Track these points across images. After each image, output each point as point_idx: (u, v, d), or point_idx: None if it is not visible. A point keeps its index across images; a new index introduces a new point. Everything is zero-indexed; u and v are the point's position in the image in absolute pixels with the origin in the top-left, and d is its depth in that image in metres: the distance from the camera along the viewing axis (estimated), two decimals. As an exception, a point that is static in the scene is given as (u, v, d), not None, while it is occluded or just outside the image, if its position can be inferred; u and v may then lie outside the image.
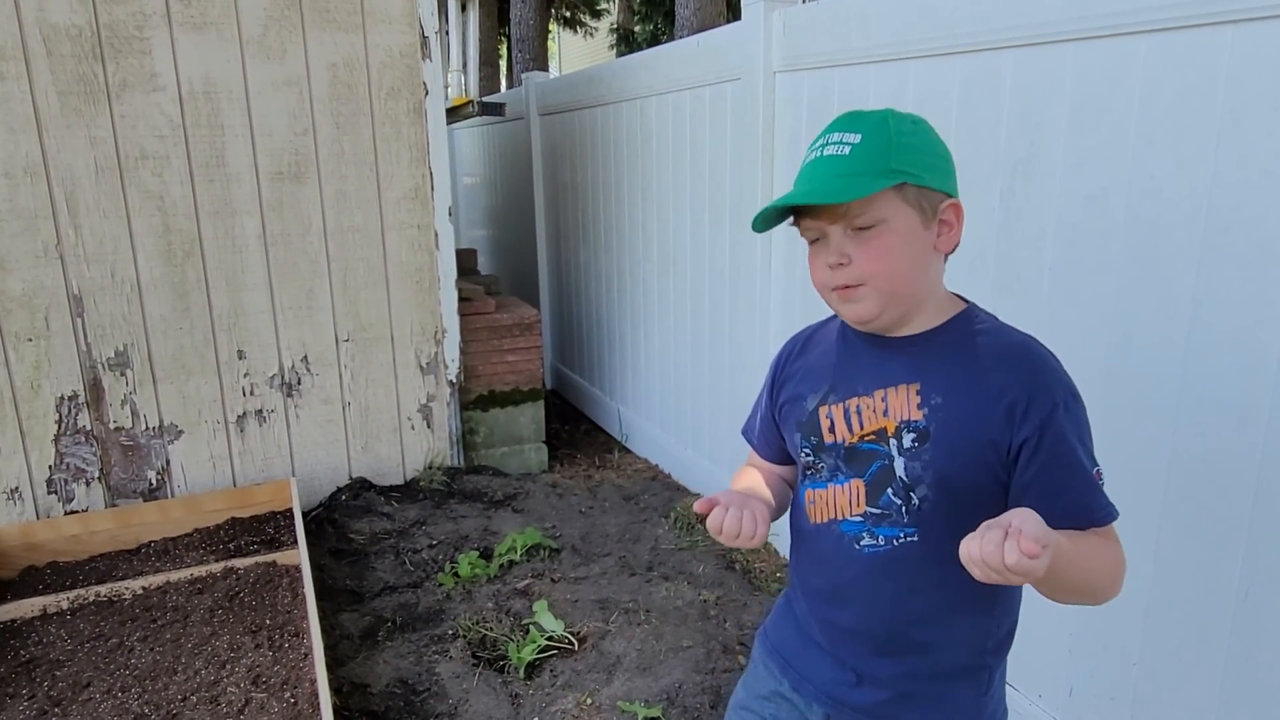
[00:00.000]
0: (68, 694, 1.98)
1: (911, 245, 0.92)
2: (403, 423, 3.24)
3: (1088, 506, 0.90)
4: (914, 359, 0.96)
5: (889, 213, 0.91)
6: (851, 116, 0.95)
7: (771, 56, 2.44)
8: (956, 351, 0.95)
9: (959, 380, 0.93)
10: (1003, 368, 0.92)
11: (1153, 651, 1.55)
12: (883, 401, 0.96)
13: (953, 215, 0.95)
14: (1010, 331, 0.98)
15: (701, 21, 7.78)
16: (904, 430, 0.94)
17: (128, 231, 2.74)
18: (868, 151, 0.91)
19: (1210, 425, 1.41)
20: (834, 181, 0.91)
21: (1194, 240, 1.40)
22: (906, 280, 0.94)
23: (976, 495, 0.92)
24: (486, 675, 2.11)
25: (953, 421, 0.92)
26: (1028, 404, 0.89)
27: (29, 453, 2.75)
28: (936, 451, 0.93)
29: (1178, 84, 1.40)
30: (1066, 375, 0.94)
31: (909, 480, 0.94)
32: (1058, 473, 0.89)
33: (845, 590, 1.02)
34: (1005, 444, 0.90)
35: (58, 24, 2.56)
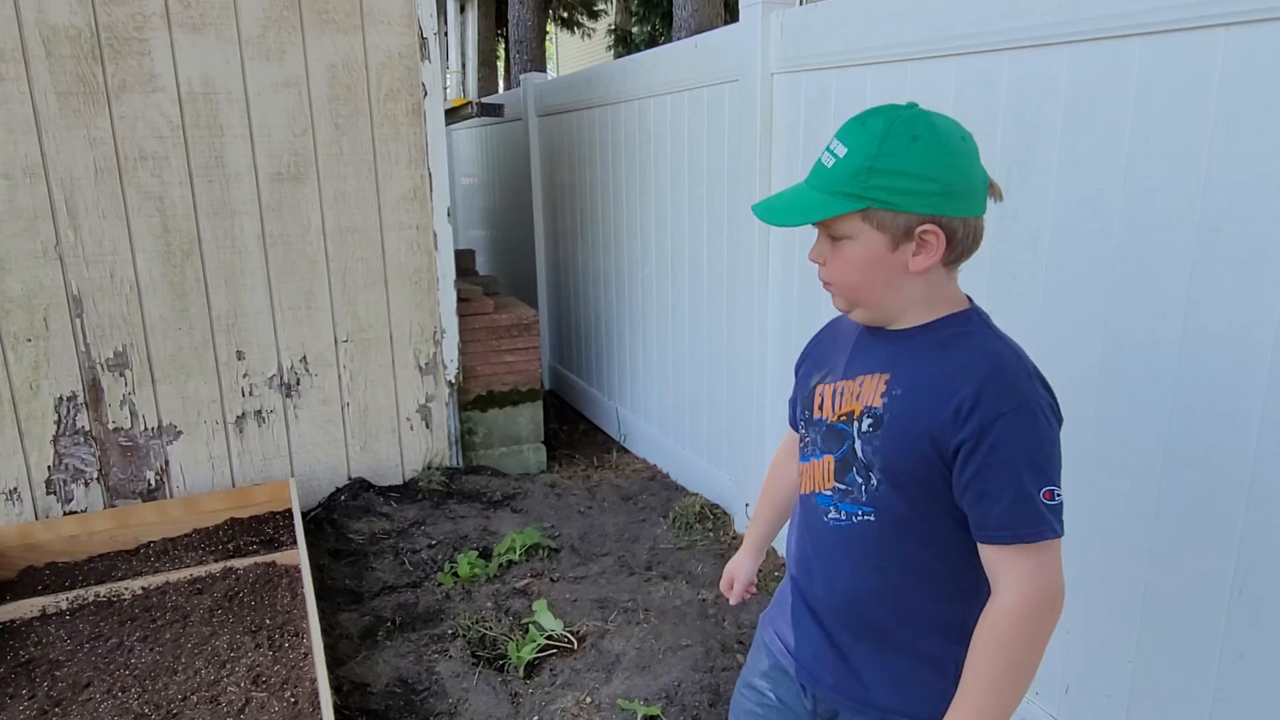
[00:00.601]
0: (68, 694, 1.98)
1: (874, 265, 0.95)
2: (401, 423, 3.25)
3: (1016, 519, 0.91)
4: (894, 352, 1.01)
5: (852, 231, 0.95)
6: (860, 121, 0.96)
7: (769, 58, 2.45)
8: (933, 350, 0.98)
9: (925, 376, 0.96)
10: (965, 371, 0.94)
11: (1148, 649, 1.56)
12: (859, 386, 1.02)
13: (931, 238, 0.94)
14: (993, 339, 0.99)
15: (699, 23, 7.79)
16: (865, 415, 1.00)
17: (127, 232, 2.75)
18: (844, 170, 0.94)
19: (1204, 424, 1.43)
20: (805, 197, 0.97)
21: (1188, 241, 1.41)
22: (867, 294, 0.99)
23: (919, 486, 0.96)
24: (486, 674, 2.11)
25: (904, 413, 0.96)
26: (972, 407, 0.91)
27: (28, 453, 2.75)
28: (886, 439, 0.97)
29: (1172, 86, 1.42)
30: (1034, 391, 0.93)
31: (865, 462, 1.00)
32: (992, 481, 0.91)
33: (814, 560, 1.08)
34: (946, 442, 0.93)
35: (57, 25, 2.57)
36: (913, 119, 0.94)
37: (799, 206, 0.97)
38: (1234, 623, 1.41)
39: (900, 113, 0.94)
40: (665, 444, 3.51)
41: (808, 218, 0.96)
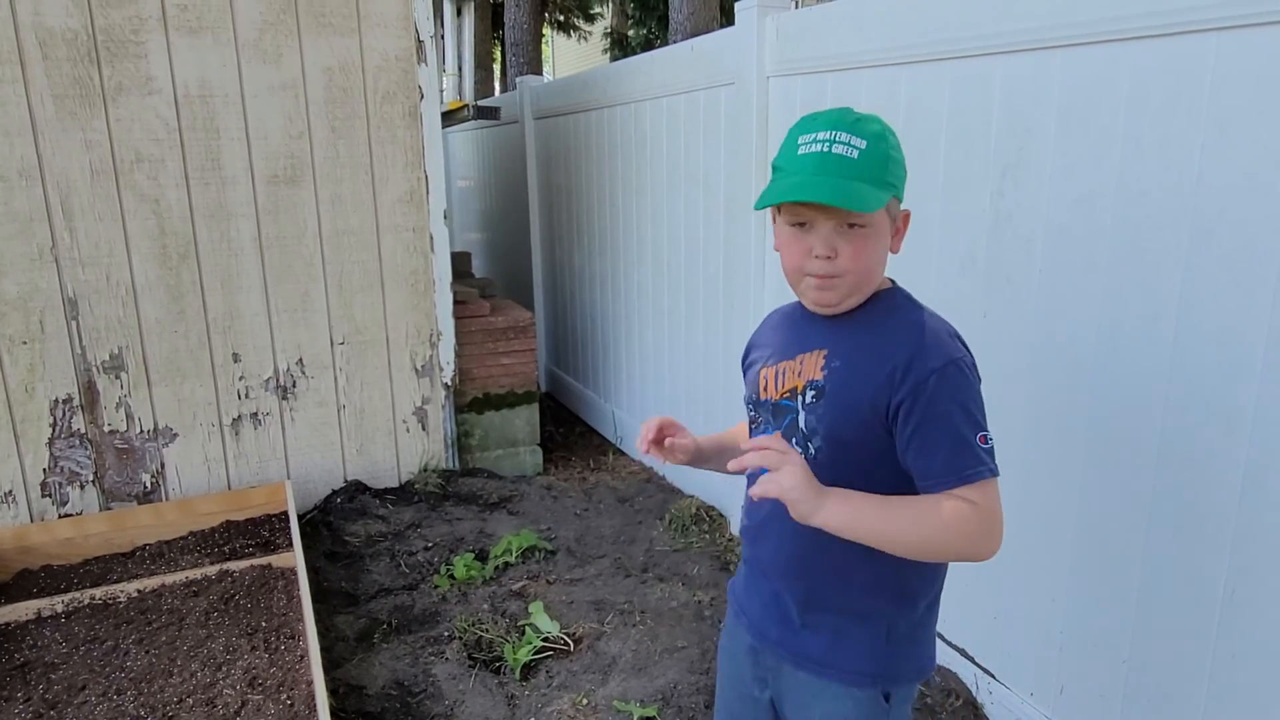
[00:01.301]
0: (63, 697, 1.97)
1: (881, 247, 1.06)
2: (398, 425, 3.25)
3: (959, 464, 0.99)
4: (831, 330, 1.10)
5: (875, 218, 1.02)
6: (850, 118, 1.02)
7: (765, 61, 2.46)
8: (867, 324, 1.08)
9: (860, 348, 1.06)
10: (896, 339, 1.03)
11: (1142, 649, 1.57)
12: (799, 364, 1.11)
13: (903, 222, 1.09)
14: (918, 310, 1.09)
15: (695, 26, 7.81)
16: (808, 388, 1.08)
17: (123, 234, 2.75)
18: (873, 161, 1.00)
19: (1196, 425, 1.43)
20: (848, 185, 0.99)
21: (1180, 243, 1.42)
22: (872, 276, 1.07)
23: (862, 448, 1.04)
24: (482, 676, 2.11)
25: (845, 382, 1.05)
26: (906, 369, 1.00)
27: (23, 456, 2.74)
28: (829, 407, 1.05)
29: (1164, 90, 1.43)
30: (957, 350, 1.03)
31: (807, 431, 1.08)
32: (932, 433, 0.99)
33: (762, 526, 1.16)
34: (884, 404, 1.01)
35: (54, 28, 2.57)
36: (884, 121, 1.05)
37: (858, 195, 0.98)
38: (1227, 623, 1.42)
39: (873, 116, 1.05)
40: (662, 446, 3.50)
41: (875, 204, 1.00)
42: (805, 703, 1.14)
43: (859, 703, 1.11)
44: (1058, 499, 1.71)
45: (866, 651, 1.10)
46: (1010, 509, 1.82)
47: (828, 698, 1.12)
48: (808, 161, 1.01)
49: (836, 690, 1.11)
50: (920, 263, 1.99)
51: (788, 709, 1.18)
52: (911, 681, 1.15)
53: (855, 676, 1.10)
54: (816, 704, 1.13)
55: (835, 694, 1.11)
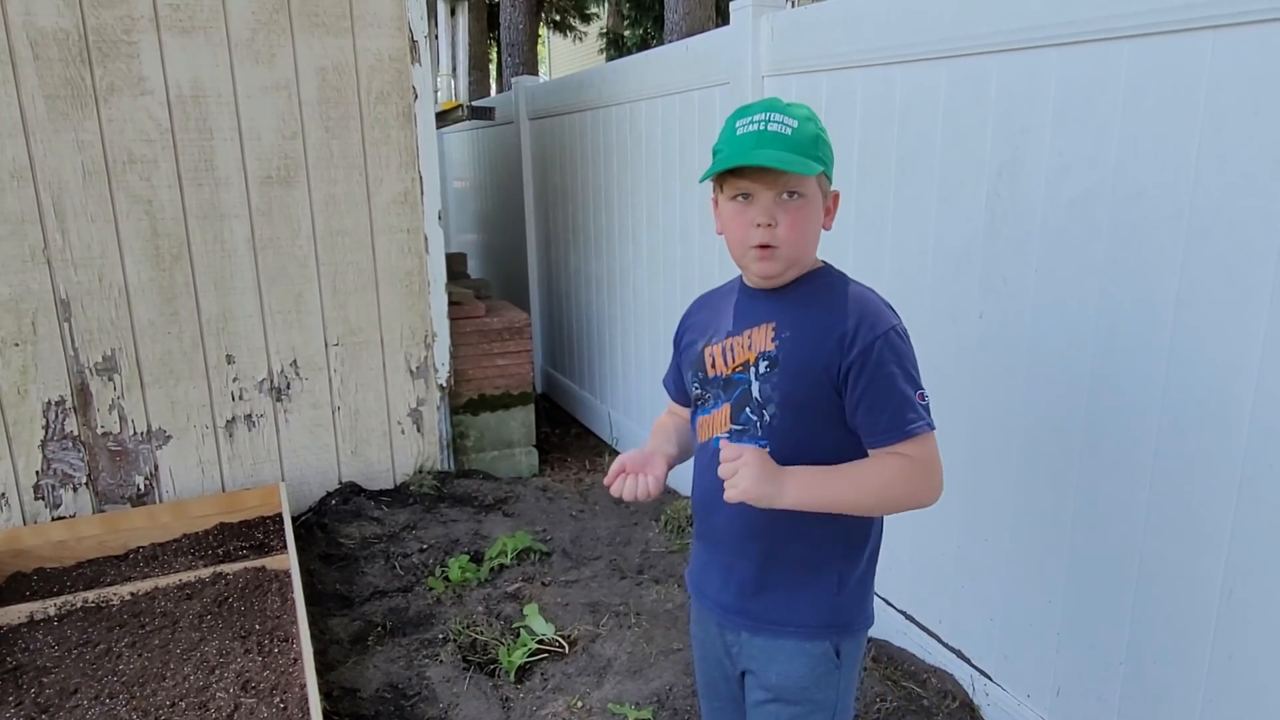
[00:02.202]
0: (55, 701, 1.96)
1: (815, 221, 1.15)
2: (393, 427, 3.23)
3: (903, 419, 1.09)
4: (776, 304, 1.17)
5: (810, 191, 1.12)
6: (780, 104, 1.12)
7: (760, 61, 2.45)
8: (809, 298, 1.17)
9: (806, 319, 1.14)
10: (839, 309, 1.13)
11: (1139, 650, 1.56)
12: (749, 338, 1.17)
13: (833, 202, 1.18)
14: (854, 284, 1.19)
15: (690, 26, 7.80)
16: (760, 359, 1.15)
17: (115, 236, 2.73)
18: (805, 138, 1.10)
19: (1193, 426, 1.43)
20: (787, 154, 1.07)
21: (1177, 243, 1.42)
22: (806, 248, 1.15)
23: (815, 411, 1.13)
24: (477, 679, 2.10)
25: (796, 351, 1.13)
26: (854, 334, 1.10)
27: (15, 458, 2.73)
28: (783, 375, 1.13)
29: (1160, 89, 1.42)
30: (895, 318, 1.14)
31: (762, 400, 1.15)
32: (879, 393, 1.09)
33: (715, 494, 1.16)
34: (836, 367, 1.11)
35: (45, 28, 2.55)
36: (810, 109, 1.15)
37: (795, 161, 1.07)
38: (1224, 624, 1.41)
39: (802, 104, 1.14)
40: (658, 447, 3.50)
41: (812, 170, 1.08)
42: (763, 666, 1.21)
43: (812, 659, 1.18)
44: (1054, 500, 1.70)
45: (822, 601, 1.18)
46: (1007, 510, 1.82)
47: (782, 658, 1.19)
48: (746, 139, 1.10)
49: (790, 648, 1.19)
50: (916, 263, 1.99)
51: (749, 677, 1.24)
52: (860, 631, 1.23)
53: (809, 630, 1.18)
54: (772, 665, 1.20)
55: (789, 652, 1.19)
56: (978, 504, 1.89)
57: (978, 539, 1.91)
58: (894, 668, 2.09)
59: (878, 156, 2.06)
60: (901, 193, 2.01)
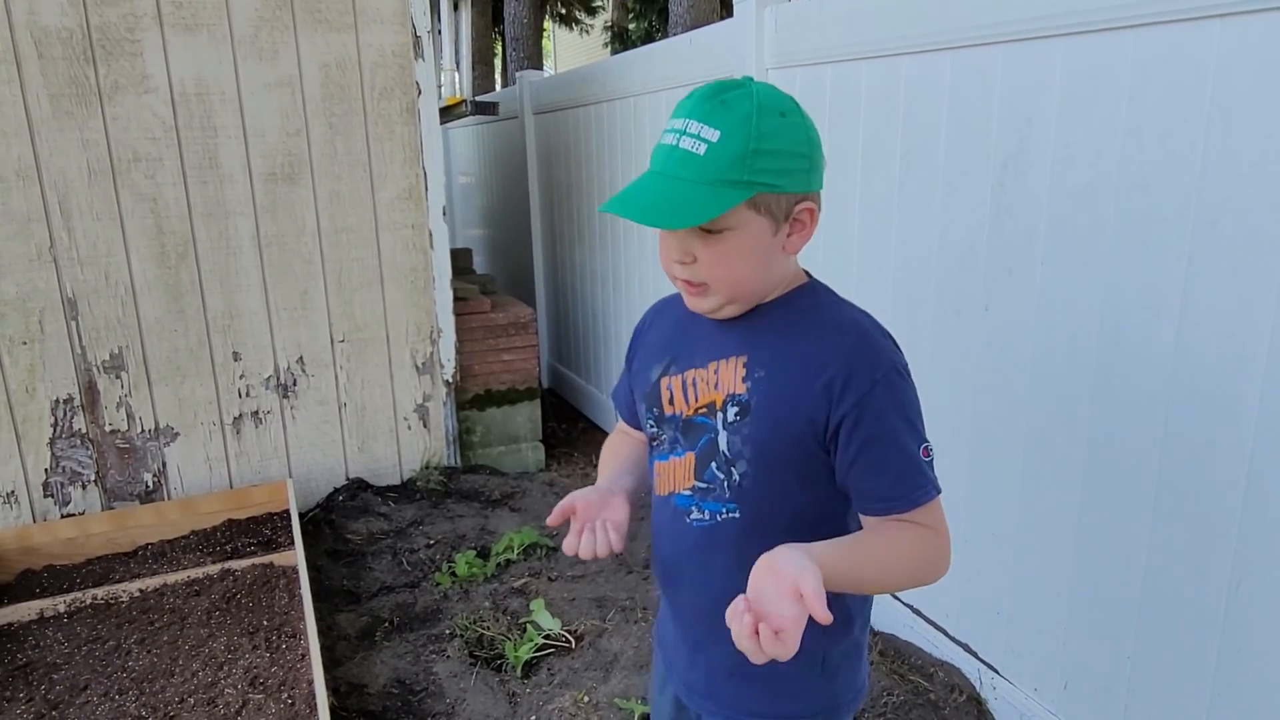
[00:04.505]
0: (65, 697, 1.98)
1: (757, 251, 0.89)
2: (399, 423, 3.24)
3: (909, 484, 0.89)
4: (747, 331, 0.95)
5: (737, 221, 0.87)
6: (717, 99, 0.86)
7: (764, 53, 2.44)
8: (788, 325, 0.93)
9: (785, 354, 0.92)
10: (827, 343, 0.90)
11: (1146, 644, 1.56)
12: (714, 374, 0.95)
13: (807, 216, 0.92)
14: (844, 307, 0.96)
15: (695, 19, 7.77)
16: (729, 403, 0.93)
17: (121, 234, 2.74)
18: (723, 156, 0.84)
19: (1200, 418, 1.42)
20: (680, 191, 0.84)
21: (1183, 234, 1.41)
22: (748, 283, 0.92)
23: (795, 470, 0.92)
24: (484, 674, 2.11)
25: (773, 397, 0.91)
26: (846, 380, 0.87)
27: (24, 456, 2.74)
28: (756, 426, 0.91)
29: (1166, 78, 1.41)
30: (894, 352, 0.92)
31: (730, 455, 0.93)
32: (878, 451, 0.88)
33: (679, 564, 1.03)
34: (822, 421, 0.89)
35: (49, 26, 2.56)
36: (772, 93, 0.89)
37: (687, 204, 0.84)
38: (1232, 617, 1.40)
39: (755, 87, 0.88)
40: (663, 441, 3.50)
41: (702, 215, 0.84)
42: None
43: None
44: (1061, 493, 1.69)
45: (804, 687, 0.99)
46: (1014, 504, 1.81)
47: None
48: (656, 157, 0.90)
49: None
50: (921, 256, 1.98)
51: None
52: (848, 707, 1.05)
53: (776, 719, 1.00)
54: None
55: None
56: (984, 498, 1.89)
57: (984, 533, 1.90)
58: (901, 661, 2.09)
59: (882, 149, 2.05)
60: (906, 185, 1.99)
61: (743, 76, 0.91)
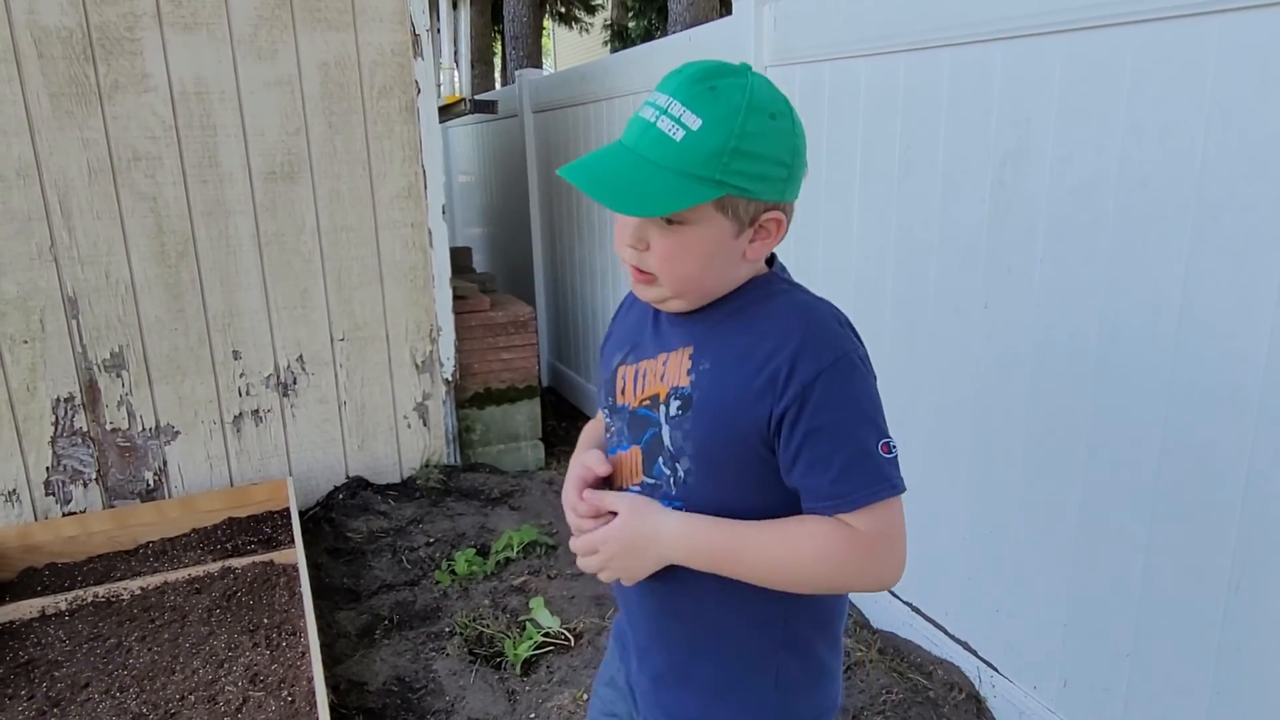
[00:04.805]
0: (66, 694, 1.98)
1: (714, 252, 0.85)
2: (399, 421, 3.24)
3: (852, 480, 0.81)
4: (698, 323, 0.90)
5: (699, 217, 0.82)
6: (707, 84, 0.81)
7: (763, 51, 2.44)
8: (740, 316, 0.88)
9: (733, 346, 0.86)
10: (776, 333, 0.84)
11: (1146, 643, 1.55)
12: (662, 365, 0.91)
13: (773, 226, 0.87)
14: (798, 294, 0.90)
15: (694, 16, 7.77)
16: (672, 397, 0.88)
17: (121, 233, 2.74)
18: (699, 149, 0.79)
19: (1200, 416, 1.42)
20: (646, 176, 0.80)
21: (1184, 230, 1.40)
22: (698, 282, 0.87)
23: (741, 469, 0.86)
24: (483, 672, 2.11)
25: (715, 389, 0.86)
26: (790, 370, 0.81)
27: (26, 454, 2.75)
28: (697, 421, 0.86)
29: (1166, 75, 1.40)
30: (847, 340, 0.85)
31: (674, 450, 0.88)
32: (821, 444, 0.81)
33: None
34: (765, 415, 0.82)
35: (48, 26, 2.56)
36: (768, 90, 0.83)
37: (650, 193, 0.79)
38: (1232, 615, 1.40)
39: (752, 80, 0.82)
40: (664, 440, 3.49)
41: (664, 207, 0.79)
42: None
43: None
44: (1060, 491, 1.69)
45: (751, 703, 0.93)
46: (1013, 502, 1.81)
47: None
48: (631, 128, 0.84)
49: None
50: (920, 254, 1.97)
51: None
52: None
53: None
54: None
55: None
56: (984, 496, 1.89)
57: (984, 531, 1.90)
58: (900, 659, 2.09)
59: (882, 146, 2.05)
60: (905, 183, 1.99)
61: (742, 64, 0.85)
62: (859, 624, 2.27)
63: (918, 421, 2.05)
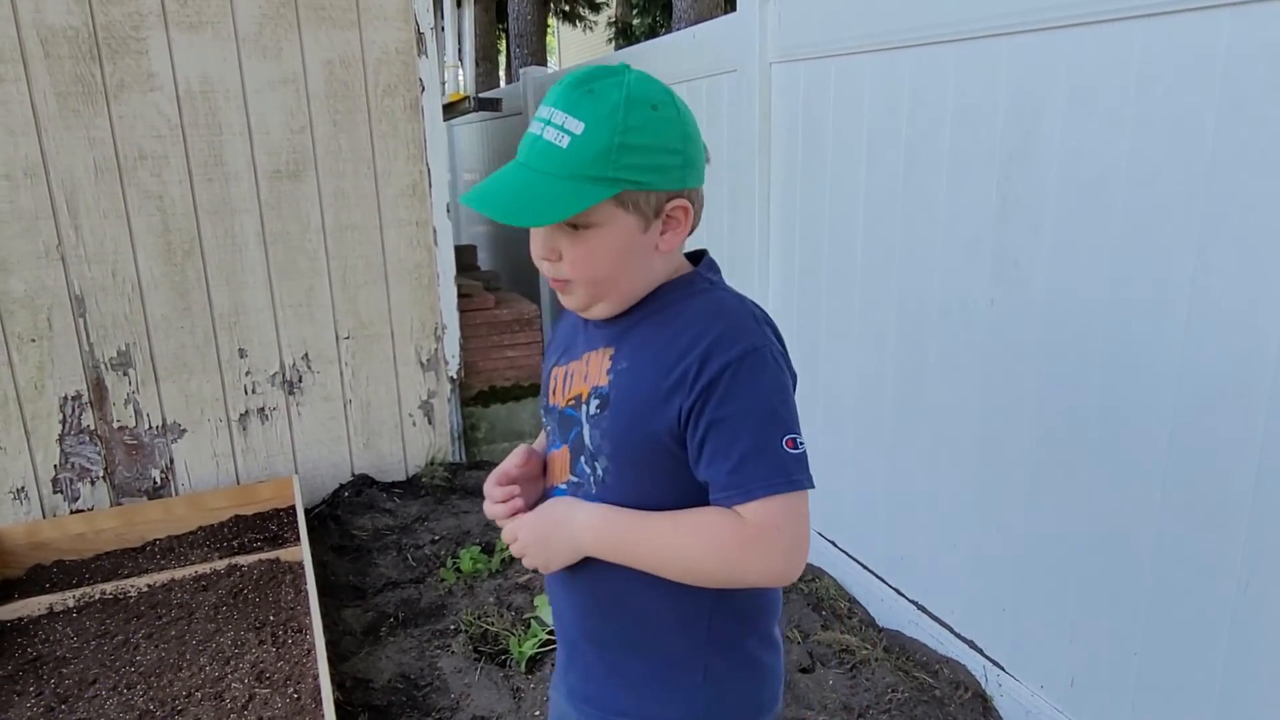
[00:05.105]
0: (74, 691, 1.99)
1: (625, 250, 0.86)
2: (404, 419, 3.25)
3: (748, 475, 0.81)
4: (619, 325, 0.92)
5: (602, 218, 0.83)
6: (585, 88, 0.82)
7: (767, 48, 2.43)
8: (659, 316, 0.89)
9: (649, 345, 0.88)
10: (691, 331, 0.85)
11: (1154, 641, 1.54)
12: (586, 365, 0.93)
13: (681, 214, 0.88)
14: (716, 293, 0.91)
15: (699, 14, 7.75)
16: (592, 396, 0.90)
17: (128, 231, 2.75)
18: (586, 151, 0.80)
19: (1209, 413, 1.40)
20: (539, 186, 0.82)
21: (1193, 226, 1.39)
22: (615, 282, 0.88)
23: (657, 469, 0.87)
24: (488, 669, 2.11)
25: (631, 388, 0.87)
26: (700, 367, 0.82)
27: (34, 452, 2.76)
28: (614, 420, 0.88)
29: (1175, 68, 1.39)
30: (760, 335, 0.85)
31: (593, 449, 0.90)
32: (723, 435, 0.82)
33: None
34: (676, 412, 0.83)
35: (55, 25, 2.56)
36: (647, 84, 0.84)
37: (544, 200, 0.81)
38: (1241, 614, 1.39)
39: (629, 77, 0.83)
40: (669, 437, 3.49)
41: (562, 213, 0.81)
42: None
43: None
44: (1068, 488, 1.68)
45: (680, 696, 0.94)
46: (1020, 499, 1.80)
47: None
48: (521, 146, 0.86)
49: None
50: (925, 250, 1.96)
51: None
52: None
53: None
54: None
55: None
56: (990, 493, 1.88)
57: (990, 529, 1.89)
58: (906, 658, 2.08)
59: (886, 142, 2.04)
60: (910, 178, 1.98)
61: (620, 64, 0.87)
62: (864, 622, 2.26)
63: (923, 419, 2.04)
